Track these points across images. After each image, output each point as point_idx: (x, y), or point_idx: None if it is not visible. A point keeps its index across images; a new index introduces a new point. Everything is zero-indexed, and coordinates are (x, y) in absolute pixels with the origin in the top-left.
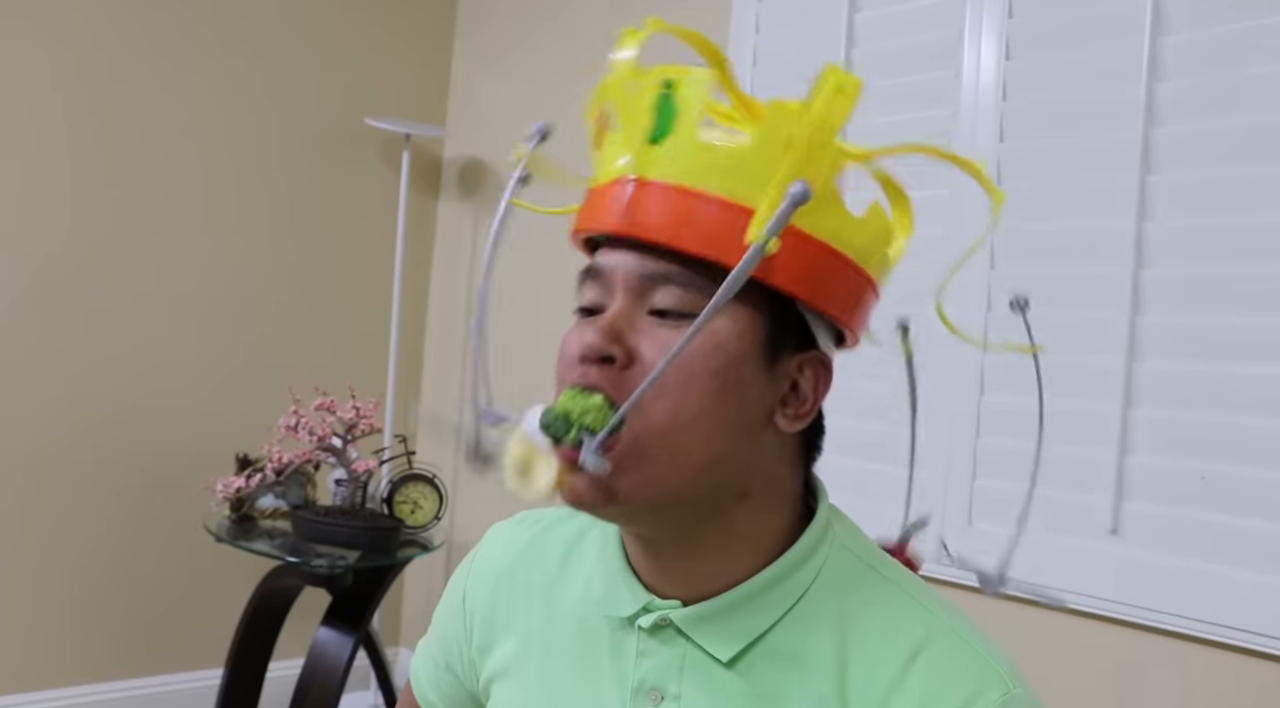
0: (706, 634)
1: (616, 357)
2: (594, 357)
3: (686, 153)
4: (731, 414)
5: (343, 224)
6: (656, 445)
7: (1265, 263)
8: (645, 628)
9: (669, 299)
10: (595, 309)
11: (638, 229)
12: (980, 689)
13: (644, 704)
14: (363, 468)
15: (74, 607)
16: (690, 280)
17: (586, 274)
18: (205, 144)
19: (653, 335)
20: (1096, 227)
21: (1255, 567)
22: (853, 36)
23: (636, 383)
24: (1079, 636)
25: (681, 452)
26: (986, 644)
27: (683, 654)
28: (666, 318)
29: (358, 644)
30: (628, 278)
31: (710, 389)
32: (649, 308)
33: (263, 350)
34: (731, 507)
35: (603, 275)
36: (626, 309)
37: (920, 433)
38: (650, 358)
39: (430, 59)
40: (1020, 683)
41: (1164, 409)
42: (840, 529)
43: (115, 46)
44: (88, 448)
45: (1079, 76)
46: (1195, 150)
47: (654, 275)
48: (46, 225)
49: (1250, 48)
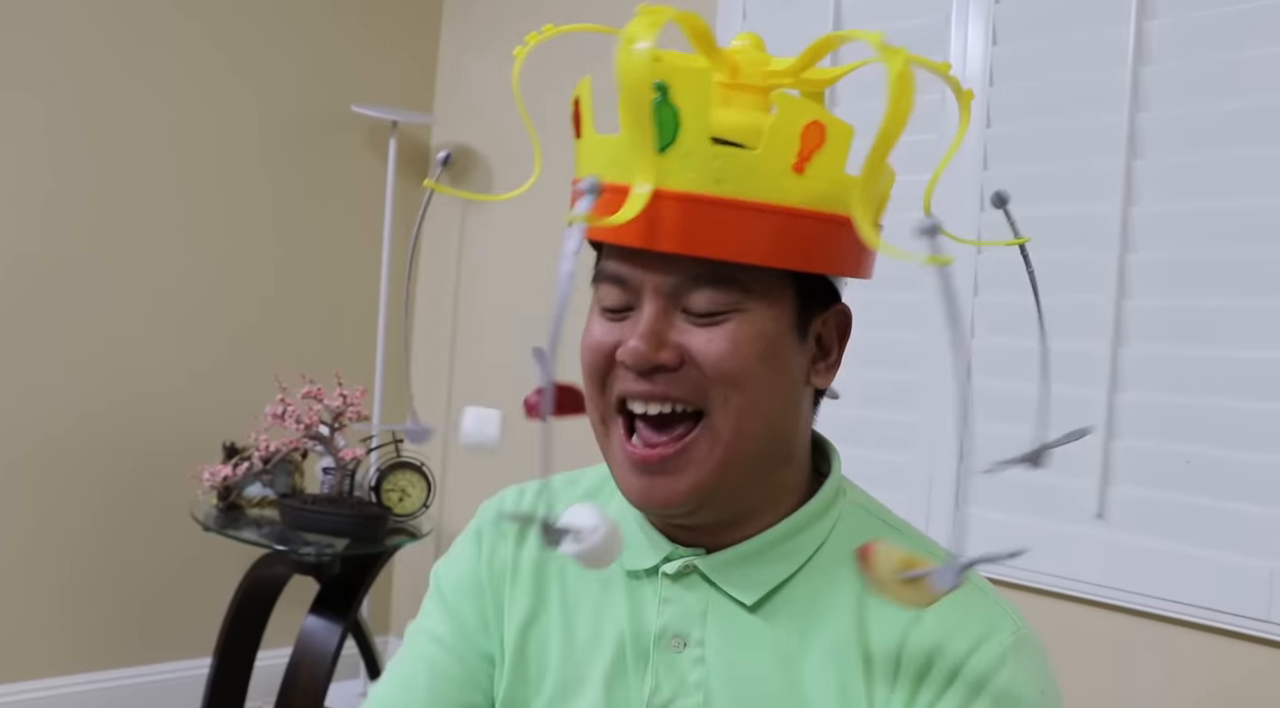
0: (731, 580)
1: (669, 363)
2: (648, 368)
3: (699, 160)
4: (781, 391)
5: (329, 212)
6: (735, 437)
7: (1250, 246)
8: (670, 574)
9: (704, 302)
10: (620, 309)
11: (664, 243)
12: (991, 630)
13: (667, 651)
14: (350, 456)
15: (62, 596)
16: (723, 281)
17: (606, 279)
18: (190, 134)
19: (699, 334)
20: (1082, 211)
21: (1240, 550)
22: (840, 22)
23: (696, 379)
24: (1065, 619)
25: (753, 436)
26: (994, 591)
27: (706, 600)
28: (706, 317)
29: (346, 632)
30: (658, 287)
31: (764, 371)
32: (683, 308)
33: (249, 339)
34: (775, 469)
35: (628, 284)
36: (663, 313)
37: (910, 419)
38: (706, 352)
39: (417, 46)
40: (1027, 626)
41: (1149, 393)
42: (850, 489)
43: (98, 35)
44: (75, 438)
45: (1065, 61)
46: (1181, 134)
47: (687, 281)
48: (29, 216)
49: (1235, 31)
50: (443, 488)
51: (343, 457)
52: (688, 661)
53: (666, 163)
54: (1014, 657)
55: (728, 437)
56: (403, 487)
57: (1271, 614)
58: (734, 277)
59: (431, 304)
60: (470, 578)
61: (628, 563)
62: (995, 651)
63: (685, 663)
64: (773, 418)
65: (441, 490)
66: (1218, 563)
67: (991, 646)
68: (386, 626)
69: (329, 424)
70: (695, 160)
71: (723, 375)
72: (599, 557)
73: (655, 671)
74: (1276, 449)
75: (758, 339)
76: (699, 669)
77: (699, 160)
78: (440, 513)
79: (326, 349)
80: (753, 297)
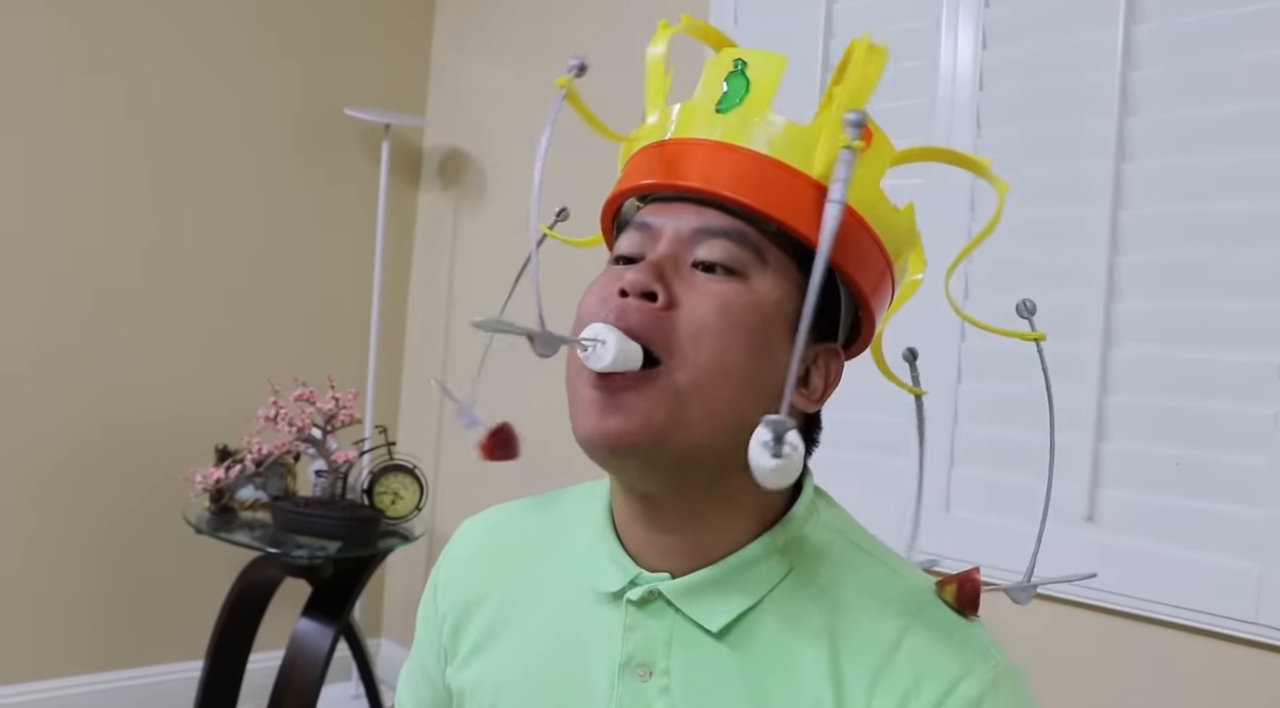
0: (696, 606)
1: (659, 295)
2: (636, 291)
3: (754, 122)
4: (759, 376)
5: (323, 215)
6: (694, 391)
7: (1239, 249)
8: (634, 601)
9: (717, 252)
10: (632, 259)
11: (703, 182)
12: (969, 667)
13: (632, 681)
14: (343, 459)
15: (54, 599)
16: (744, 237)
17: (628, 227)
18: (184, 136)
19: (697, 285)
20: (1072, 214)
21: (1228, 552)
22: (830, 26)
23: (674, 327)
24: (1054, 621)
25: (716, 401)
26: (971, 621)
27: (671, 628)
28: (713, 272)
29: (338, 635)
30: (678, 230)
31: (747, 345)
32: (693, 259)
33: (242, 342)
34: (738, 475)
35: (649, 229)
36: (672, 255)
37: (899, 422)
38: (692, 306)
39: (409, 48)
40: (1006, 657)
41: (1139, 395)
42: (825, 509)
43: (93, 38)
44: (66, 441)
45: (1055, 65)
46: (1169, 138)
47: (709, 229)
48: (26, 218)
49: (1224, 36)
50: (435, 491)
51: (335, 459)
52: (653, 691)
53: (724, 120)
54: (992, 696)
55: (684, 391)
56: (395, 490)
57: (1259, 616)
58: (751, 239)
59: (424, 306)
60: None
61: (594, 584)
62: (973, 689)
63: (650, 693)
64: (744, 398)
65: (434, 494)
66: (1206, 565)
67: (970, 683)
68: (379, 628)
69: (321, 427)
70: (750, 124)
71: (700, 330)
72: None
73: (620, 701)
74: (1265, 452)
75: (752, 310)
76: (664, 700)
77: (754, 125)
78: (432, 516)
79: (319, 352)
80: (762, 267)
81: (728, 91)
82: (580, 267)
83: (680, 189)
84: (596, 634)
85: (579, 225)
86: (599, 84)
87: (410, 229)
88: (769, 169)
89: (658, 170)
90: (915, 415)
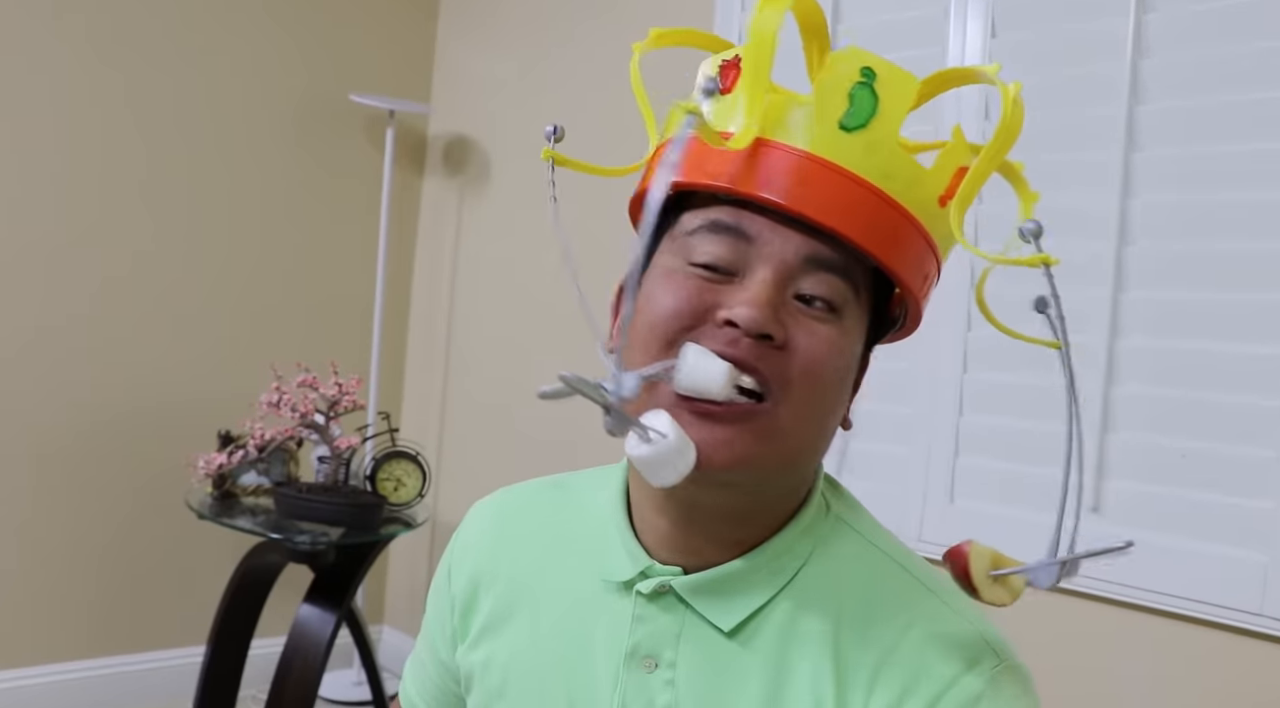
0: (707, 604)
1: (777, 337)
2: (754, 332)
3: (882, 152)
4: (837, 409)
5: (327, 201)
6: (793, 430)
7: (1248, 240)
8: (644, 593)
9: (823, 287)
10: (719, 268)
11: (814, 209)
12: (971, 662)
13: (637, 671)
14: (345, 445)
15: (56, 584)
16: (849, 274)
17: (717, 228)
18: (189, 122)
19: (802, 324)
20: (1080, 203)
21: (1235, 544)
22: (838, 12)
23: (788, 368)
24: (1059, 613)
25: (808, 436)
26: (977, 616)
27: (681, 622)
28: (813, 306)
29: (340, 622)
30: (786, 255)
31: (840, 385)
32: (794, 291)
33: (245, 327)
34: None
35: (745, 240)
36: (780, 287)
37: (905, 411)
38: (804, 348)
39: (414, 35)
40: (1010, 655)
41: (1145, 386)
42: (836, 502)
43: (97, 24)
44: (69, 426)
45: (1063, 54)
46: (1179, 127)
47: (819, 259)
48: (28, 205)
49: (1234, 25)
50: (438, 477)
51: (338, 446)
52: (657, 683)
53: (846, 140)
54: (992, 694)
55: (785, 430)
56: (398, 476)
57: (1265, 608)
58: (854, 277)
59: (428, 292)
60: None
61: (605, 572)
62: (973, 686)
63: (655, 685)
64: (826, 435)
65: (437, 480)
66: (1212, 557)
67: (971, 679)
68: (381, 615)
69: (324, 413)
70: (876, 150)
71: (809, 374)
72: (661, 466)
73: (624, 690)
74: (1272, 443)
75: (845, 353)
76: (668, 693)
77: (880, 152)
78: (435, 502)
79: (322, 338)
80: (856, 303)
81: (853, 108)
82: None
83: (808, 219)
84: (604, 621)
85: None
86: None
87: (414, 215)
88: (888, 214)
89: (775, 182)
90: (1064, 373)
